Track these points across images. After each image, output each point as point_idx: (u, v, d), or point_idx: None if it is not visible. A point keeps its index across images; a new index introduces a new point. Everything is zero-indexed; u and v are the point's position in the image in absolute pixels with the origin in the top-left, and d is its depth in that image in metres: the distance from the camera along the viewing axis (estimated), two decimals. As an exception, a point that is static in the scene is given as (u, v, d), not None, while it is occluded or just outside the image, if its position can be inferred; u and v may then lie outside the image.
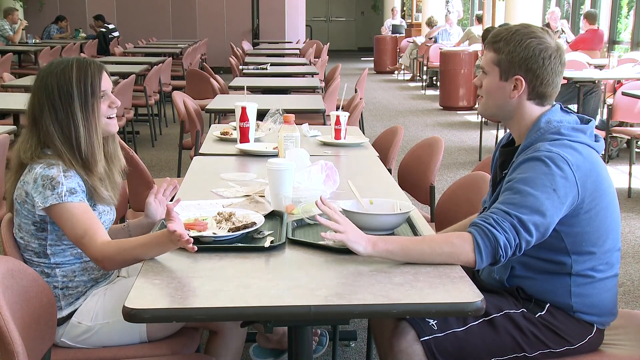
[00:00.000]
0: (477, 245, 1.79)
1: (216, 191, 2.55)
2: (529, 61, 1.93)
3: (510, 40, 1.95)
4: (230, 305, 1.60)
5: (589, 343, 1.98)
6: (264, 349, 2.82)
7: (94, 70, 2.08)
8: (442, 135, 6.93)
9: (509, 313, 1.95)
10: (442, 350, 1.89)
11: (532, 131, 1.95)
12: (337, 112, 3.46)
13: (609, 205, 1.93)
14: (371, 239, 1.80)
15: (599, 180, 1.90)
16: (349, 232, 1.80)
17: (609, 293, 2.00)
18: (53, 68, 2.08)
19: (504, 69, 1.96)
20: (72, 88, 2.04)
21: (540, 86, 1.96)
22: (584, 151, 1.89)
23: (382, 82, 14.72)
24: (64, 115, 2.05)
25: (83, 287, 2.12)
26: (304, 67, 8.79)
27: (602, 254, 1.94)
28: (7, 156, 3.63)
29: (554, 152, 1.84)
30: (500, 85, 1.98)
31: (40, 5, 16.09)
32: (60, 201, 1.96)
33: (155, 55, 10.90)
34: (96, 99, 2.08)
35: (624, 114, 6.21)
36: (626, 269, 4.10)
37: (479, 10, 14.87)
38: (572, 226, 1.89)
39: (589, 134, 1.93)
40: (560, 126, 1.92)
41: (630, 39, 9.84)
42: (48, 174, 1.98)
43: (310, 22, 20.52)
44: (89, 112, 2.06)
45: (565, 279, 1.94)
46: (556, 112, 1.98)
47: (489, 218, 1.82)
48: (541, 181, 1.82)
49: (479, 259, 1.79)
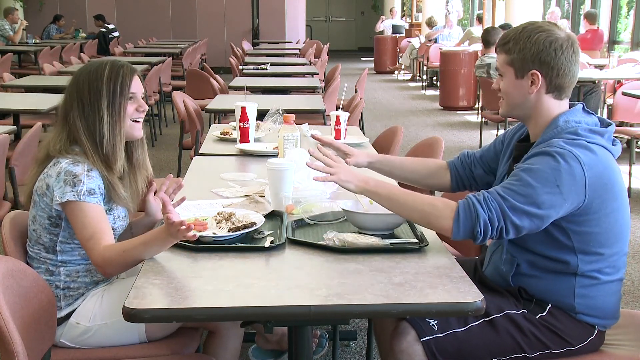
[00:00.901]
0: (457, 215, 1.83)
1: (216, 191, 2.55)
2: (541, 54, 1.94)
3: (519, 38, 1.96)
4: (230, 305, 1.60)
5: (590, 344, 1.98)
6: (264, 350, 2.82)
7: (126, 71, 2.13)
8: (442, 135, 6.93)
9: (510, 314, 1.95)
10: (442, 350, 1.89)
11: (549, 129, 1.95)
12: (337, 112, 3.45)
13: (619, 209, 1.93)
14: (364, 179, 1.89)
15: (611, 183, 1.89)
16: (340, 172, 1.89)
17: (613, 297, 2.00)
18: (88, 67, 2.15)
19: (517, 67, 1.97)
20: (102, 85, 2.09)
21: (557, 77, 1.95)
22: (599, 152, 1.88)
23: (382, 82, 14.72)
24: (91, 110, 2.08)
25: (84, 289, 2.12)
26: (304, 67, 8.79)
27: (609, 256, 1.94)
28: (7, 156, 3.63)
29: (567, 150, 1.84)
30: (517, 83, 1.98)
31: (40, 5, 16.10)
32: (78, 199, 1.98)
33: (155, 55, 10.90)
34: (124, 98, 2.11)
35: (624, 114, 6.21)
36: (626, 269, 4.09)
37: (479, 10, 14.88)
38: (580, 225, 1.89)
39: (607, 137, 1.93)
40: (578, 127, 1.91)
41: (630, 39, 9.84)
42: (72, 170, 2.01)
43: (310, 22, 20.52)
44: (115, 111, 2.10)
45: (570, 279, 1.94)
46: (576, 113, 1.97)
47: (480, 195, 1.85)
48: (546, 175, 1.82)
49: (455, 229, 1.84)
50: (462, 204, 1.84)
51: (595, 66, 8.10)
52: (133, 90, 2.13)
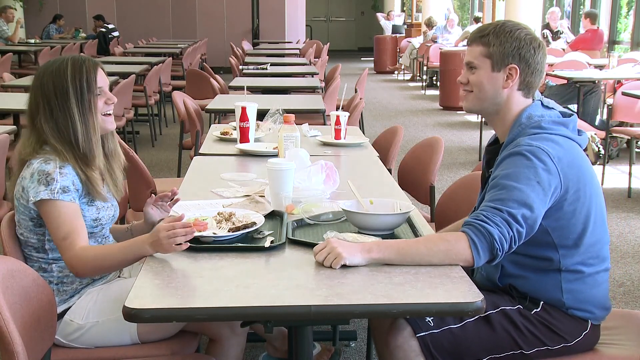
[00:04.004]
0: (472, 243, 1.79)
1: (216, 191, 2.55)
2: (522, 50, 1.97)
3: (499, 32, 1.98)
4: (230, 305, 1.60)
5: (585, 339, 1.98)
6: (274, 357, 2.82)
7: (89, 66, 2.09)
8: (442, 135, 6.92)
9: (505, 310, 1.95)
10: (438, 346, 1.89)
11: (513, 127, 1.98)
12: (337, 112, 3.46)
13: (592, 197, 1.94)
14: (365, 248, 1.79)
15: (581, 173, 1.92)
16: (340, 251, 1.77)
17: (600, 288, 2.00)
18: (49, 67, 2.10)
19: (496, 59, 1.98)
20: (67, 85, 2.06)
21: (530, 75, 1.99)
22: (565, 144, 1.91)
23: (382, 82, 14.72)
24: (61, 112, 2.06)
25: (78, 284, 2.12)
26: (304, 67, 8.79)
27: (589, 246, 1.95)
28: (7, 155, 3.63)
29: (534, 146, 1.87)
30: (492, 76, 1.99)
31: (40, 5, 16.09)
32: (52, 197, 1.97)
33: (155, 55, 10.89)
34: (92, 95, 2.08)
35: (624, 114, 6.21)
36: (626, 269, 4.10)
37: (479, 11, 14.89)
38: (557, 220, 1.90)
39: (571, 128, 1.96)
40: (541, 120, 1.94)
41: (630, 39, 9.84)
42: (44, 169, 2.00)
43: (310, 22, 20.53)
44: (86, 108, 2.07)
45: (555, 275, 1.95)
46: (537, 107, 2.00)
47: (480, 215, 1.83)
48: (524, 174, 1.84)
49: (476, 256, 1.79)
50: (471, 230, 1.81)
51: (595, 66, 8.10)
52: (99, 84, 2.10)
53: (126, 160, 2.32)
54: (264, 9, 17.08)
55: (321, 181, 2.50)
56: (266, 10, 17.05)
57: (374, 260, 1.79)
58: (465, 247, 1.79)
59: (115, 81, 6.68)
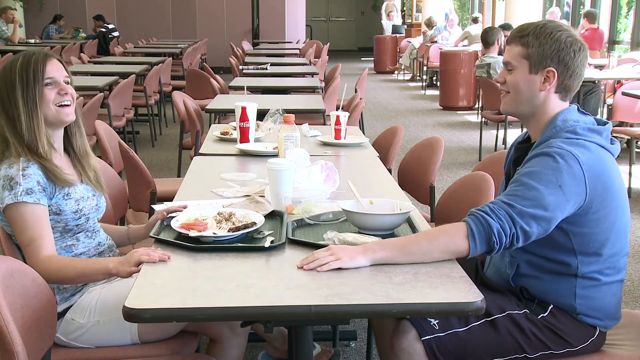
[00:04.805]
0: (470, 231, 1.80)
1: (216, 191, 2.55)
2: (561, 53, 1.93)
3: (539, 33, 1.94)
4: (230, 305, 1.60)
5: (591, 345, 1.98)
6: (273, 357, 2.81)
7: (38, 58, 2.10)
8: (442, 135, 6.92)
9: (512, 314, 1.94)
10: (443, 349, 1.89)
11: (548, 128, 1.95)
12: (337, 112, 3.46)
13: (618, 209, 1.92)
14: (366, 249, 1.79)
15: (610, 183, 1.89)
16: (341, 256, 1.77)
17: (614, 298, 2.00)
18: (5, 64, 2.12)
19: (534, 61, 1.95)
20: (15, 77, 2.07)
21: (569, 78, 1.96)
22: (597, 152, 1.88)
23: (382, 82, 14.72)
24: (9, 104, 2.07)
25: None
26: (304, 67, 8.79)
27: (609, 257, 1.94)
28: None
29: (565, 150, 1.84)
30: (530, 78, 1.96)
31: (40, 5, 16.08)
32: (16, 200, 1.97)
33: (155, 55, 10.89)
34: (39, 85, 2.08)
35: (624, 114, 6.21)
36: (626, 269, 4.09)
37: (479, 12, 14.89)
38: (580, 226, 1.88)
39: (605, 136, 1.93)
40: (577, 126, 1.91)
41: (630, 39, 9.84)
42: (8, 174, 2.00)
43: (310, 22, 20.51)
44: (30, 99, 2.07)
45: (570, 280, 1.94)
46: (573, 112, 1.97)
47: (485, 207, 1.84)
48: (547, 176, 1.82)
49: (472, 245, 1.80)
50: (471, 220, 1.82)
51: (595, 66, 8.10)
52: (50, 75, 2.09)
53: (126, 160, 2.32)
54: (264, 9, 17.08)
55: (321, 181, 2.50)
56: (266, 10, 17.04)
57: (378, 260, 1.79)
58: (462, 236, 1.81)
59: (115, 81, 6.69)
